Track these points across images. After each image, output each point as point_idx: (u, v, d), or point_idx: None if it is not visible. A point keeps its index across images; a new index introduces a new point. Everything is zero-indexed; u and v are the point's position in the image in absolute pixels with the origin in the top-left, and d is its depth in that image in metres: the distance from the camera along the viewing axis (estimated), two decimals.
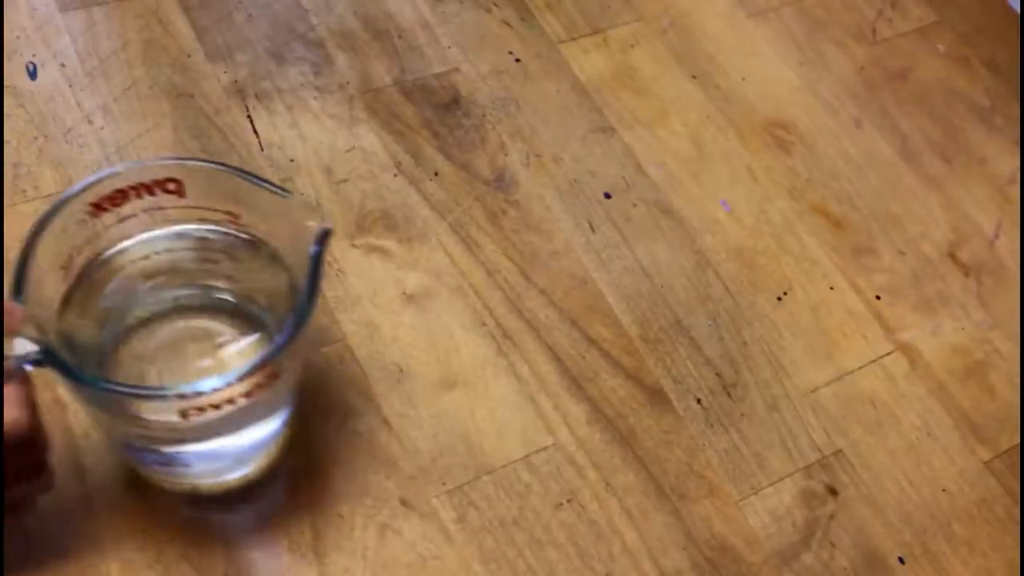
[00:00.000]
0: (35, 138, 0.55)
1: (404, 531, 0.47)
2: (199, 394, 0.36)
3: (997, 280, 0.61)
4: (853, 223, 0.62)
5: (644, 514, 0.49)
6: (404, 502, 0.48)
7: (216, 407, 0.38)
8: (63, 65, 0.58)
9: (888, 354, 0.57)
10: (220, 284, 0.45)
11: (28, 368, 0.36)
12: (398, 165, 0.59)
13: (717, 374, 0.55)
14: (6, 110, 0.56)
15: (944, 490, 0.53)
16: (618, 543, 0.48)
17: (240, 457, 0.46)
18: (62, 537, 0.44)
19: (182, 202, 0.42)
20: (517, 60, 0.65)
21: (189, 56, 0.60)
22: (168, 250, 0.44)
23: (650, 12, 0.70)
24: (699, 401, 0.54)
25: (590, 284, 0.56)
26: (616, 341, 0.54)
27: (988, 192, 0.65)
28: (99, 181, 0.40)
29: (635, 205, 0.60)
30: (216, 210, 0.43)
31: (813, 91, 0.68)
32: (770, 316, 0.57)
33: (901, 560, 0.50)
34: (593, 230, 0.59)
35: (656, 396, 0.53)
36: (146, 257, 0.44)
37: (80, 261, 0.41)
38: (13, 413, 0.35)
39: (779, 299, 0.58)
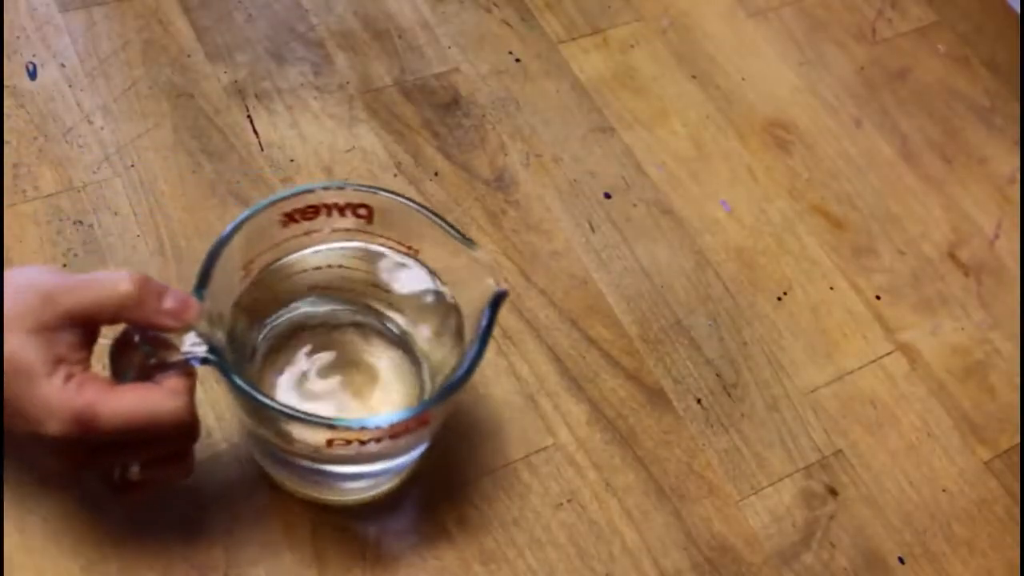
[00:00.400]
0: (35, 138, 0.55)
1: (404, 531, 0.47)
2: (348, 428, 0.37)
3: (997, 280, 0.61)
4: (853, 223, 0.62)
5: (644, 514, 0.49)
6: (404, 502, 0.48)
7: (362, 443, 0.38)
8: (63, 65, 0.58)
9: (888, 354, 0.57)
10: (384, 309, 0.46)
11: (195, 364, 0.38)
12: (398, 165, 0.59)
13: (717, 374, 0.55)
14: (6, 110, 0.56)
15: (944, 490, 0.53)
16: (618, 543, 0.48)
17: (374, 482, 0.47)
18: (61, 537, 0.44)
19: (368, 228, 0.43)
20: (517, 60, 0.65)
21: (189, 56, 0.60)
22: (342, 266, 0.45)
23: (650, 12, 0.70)
24: (699, 401, 0.54)
25: (590, 284, 0.56)
26: (616, 341, 0.54)
27: (988, 192, 0.65)
28: (296, 195, 0.41)
29: (635, 205, 0.60)
30: (399, 242, 0.43)
31: (813, 91, 0.68)
32: (770, 316, 0.57)
33: (901, 560, 0.50)
34: (593, 230, 0.59)
35: (656, 396, 0.53)
36: (319, 268, 0.45)
37: (260, 264, 0.43)
38: (177, 402, 0.37)
39: (779, 299, 0.58)
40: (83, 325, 0.37)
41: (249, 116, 0.59)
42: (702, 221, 0.60)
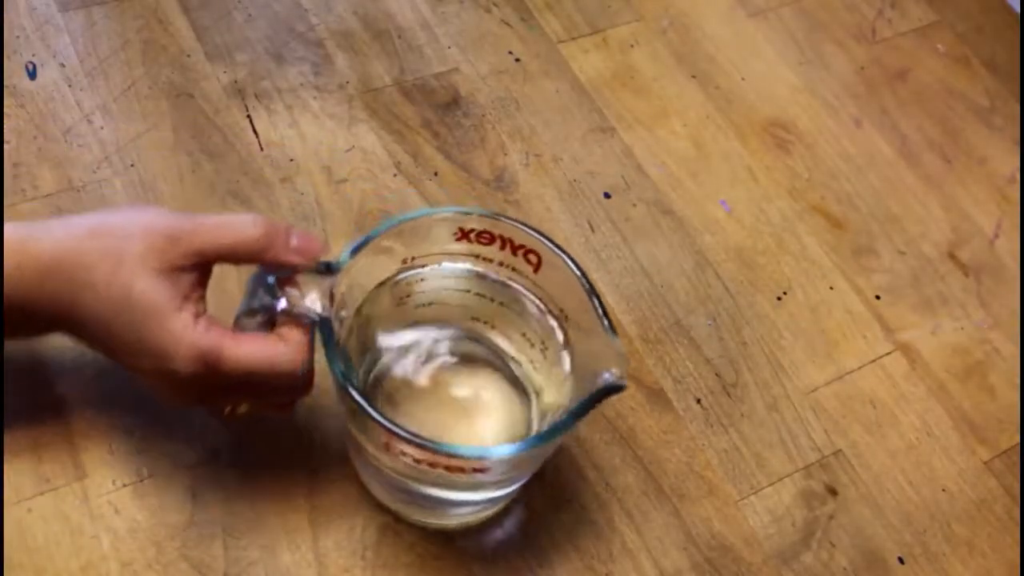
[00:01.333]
0: (35, 138, 0.55)
1: (404, 531, 0.47)
2: (451, 456, 0.37)
3: (997, 280, 0.61)
4: (853, 223, 0.62)
5: (644, 514, 0.49)
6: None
7: (462, 471, 0.39)
8: (63, 65, 0.58)
9: (888, 354, 0.57)
10: (508, 348, 0.46)
11: (312, 319, 0.39)
12: (398, 165, 0.59)
13: (717, 374, 0.55)
14: (6, 110, 0.56)
15: (944, 490, 0.53)
16: (618, 543, 0.48)
17: (464, 508, 0.47)
18: (61, 537, 0.44)
19: (531, 276, 0.44)
20: (517, 60, 0.65)
21: (189, 56, 0.60)
22: (481, 295, 0.45)
23: (650, 12, 0.70)
24: (699, 401, 0.53)
25: None
26: None
27: (988, 192, 0.65)
28: (477, 216, 0.42)
29: (635, 205, 0.60)
30: (552, 298, 0.44)
31: (813, 91, 0.68)
32: (770, 316, 0.57)
33: (901, 560, 0.50)
34: (593, 230, 0.59)
35: (656, 396, 0.53)
36: (461, 291, 0.45)
37: (407, 266, 0.44)
38: (296, 357, 0.39)
39: (779, 299, 0.58)
40: (207, 265, 0.40)
41: (249, 116, 0.59)
42: (702, 221, 0.60)
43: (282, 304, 0.39)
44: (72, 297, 0.38)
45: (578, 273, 0.41)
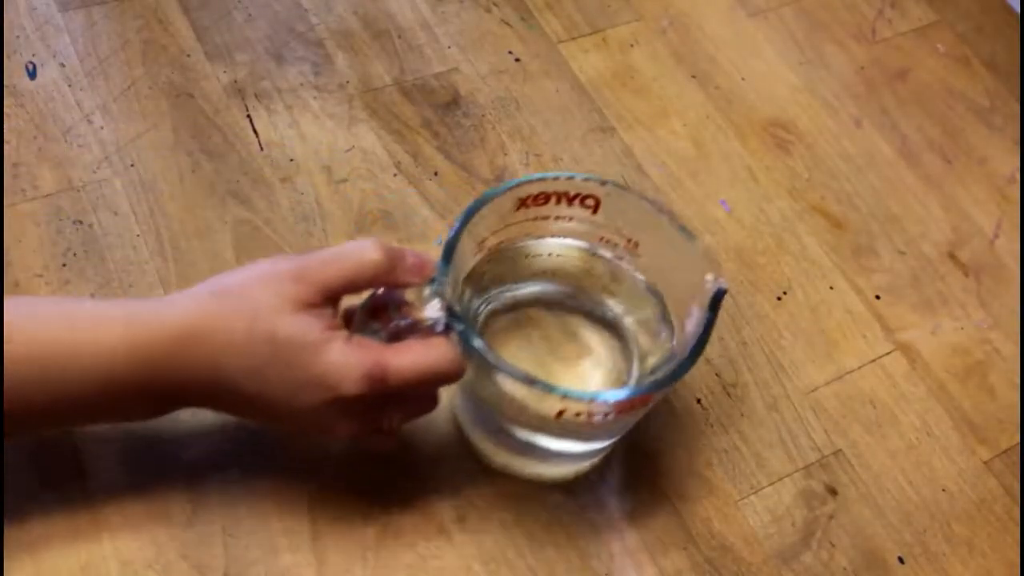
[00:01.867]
0: (35, 138, 0.55)
1: (404, 531, 0.47)
2: (580, 400, 0.39)
3: (997, 280, 0.61)
4: (853, 223, 0.62)
5: (644, 514, 0.49)
6: (404, 502, 0.48)
7: (590, 415, 0.40)
8: (63, 65, 0.58)
9: (888, 354, 0.57)
10: (600, 296, 0.49)
11: (439, 329, 0.41)
12: (398, 165, 0.59)
13: (717, 374, 0.55)
14: (6, 110, 0.56)
15: (944, 490, 0.53)
16: (618, 543, 0.48)
17: (568, 461, 0.49)
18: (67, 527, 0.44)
19: (593, 218, 0.46)
20: (517, 60, 0.65)
21: (189, 56, 0.60)
22: (562, 255, 0.48)
23: (650, 12, 0.70)
24: (699, 401, 0.53)
25: None
26: None
27: (988, 192, 0.65)
28: (532, 181, 0.44)
29: None
30: (621, 234, 0.47)
31: (813, 91, 0.68)
32: (770, 316, 0.57)
33: (901, 560, 0.50)
34: None
35: None
36: (540, 255, 0.48)
37: (490, 243, 0.46)
38: (452, 353, 0.40)
39: (779, 299, 0.58)
40: (337, 296, 0.41)
41: (249, 116, 0.59)
42: (702, 221, 0.60)
43: (407, 320, 0.41)
44: (213, 361, 0.38)
45: (638, 196, 0.44)
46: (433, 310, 0.40)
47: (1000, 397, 0.57)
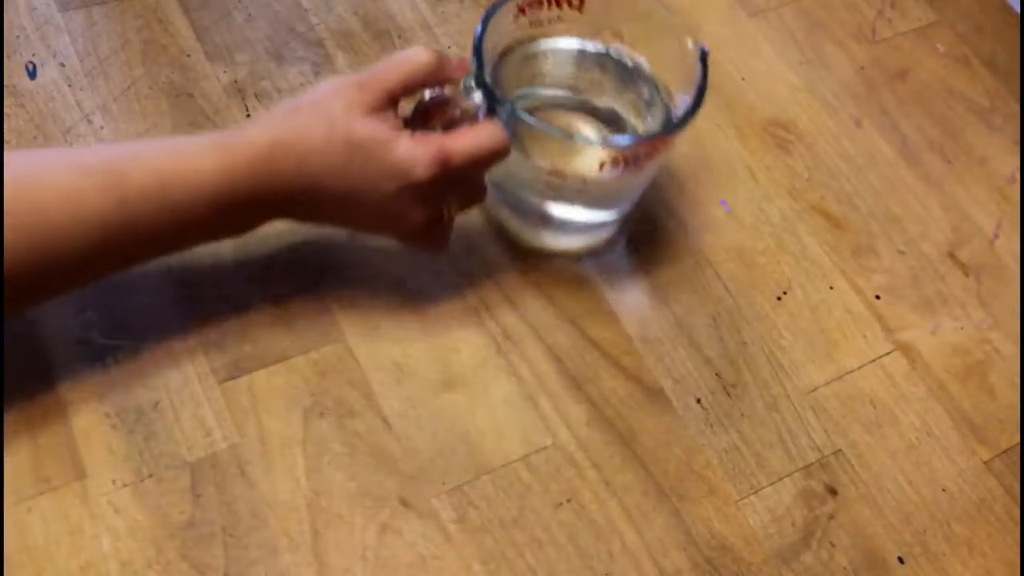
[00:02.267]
0: (35, 138, 0.55)
1: (404, 531, 0.47)
2: (618, 146, 0.48)
3: (997, 280, 0.61)
4: (853, 223, 0.62)
5: (644, 514, 0.49)
6: (404, 502, 0.48)
7: (627, 161, 0.48)
8: (63, 65, 0.58)
9: (888, 354, 0.57)
10: (595, 92, 0.56)
11: (482, 115, 0.47)
12: None
13: (717, 374, 0.55)
14: (6, 110, 0.56)
15: (944, 490, 0.53)
16: (618, 543, 0.48)
17: (577, 231, 0.58)
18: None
19: (580, 17, 0.53)
20: None
21: (189, 56, 0.60)
22: (554, 52, 0.55)
23: None
24: (699, 401, 0.54)
25: (590, 283, 0.56)
26: (616, 341, 0.54)
27: (988, 192, 0.65)
28: None
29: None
30: (607, 26, 0.54)
31: (813, 91, 0.68)
32: (770, 316, 0.57)
33: (901, 560, 0.50)
34: None
35: (656, 396, 0.53)
36: (536, 56, 0.55)
37: (500, 48, 0.52)
38: (503, 131, 0.46)
39: (779, 299, 0.58)
40: (397, 99, 0.46)
41: (249, 116, 0.59)
42: (702, 221, 0.60)
43: (457, 110, 0.47)
44: (298, 168, 0.44)
45: None
46: (476, 97, 0.47)
47: (1000, 397, 0.57)
